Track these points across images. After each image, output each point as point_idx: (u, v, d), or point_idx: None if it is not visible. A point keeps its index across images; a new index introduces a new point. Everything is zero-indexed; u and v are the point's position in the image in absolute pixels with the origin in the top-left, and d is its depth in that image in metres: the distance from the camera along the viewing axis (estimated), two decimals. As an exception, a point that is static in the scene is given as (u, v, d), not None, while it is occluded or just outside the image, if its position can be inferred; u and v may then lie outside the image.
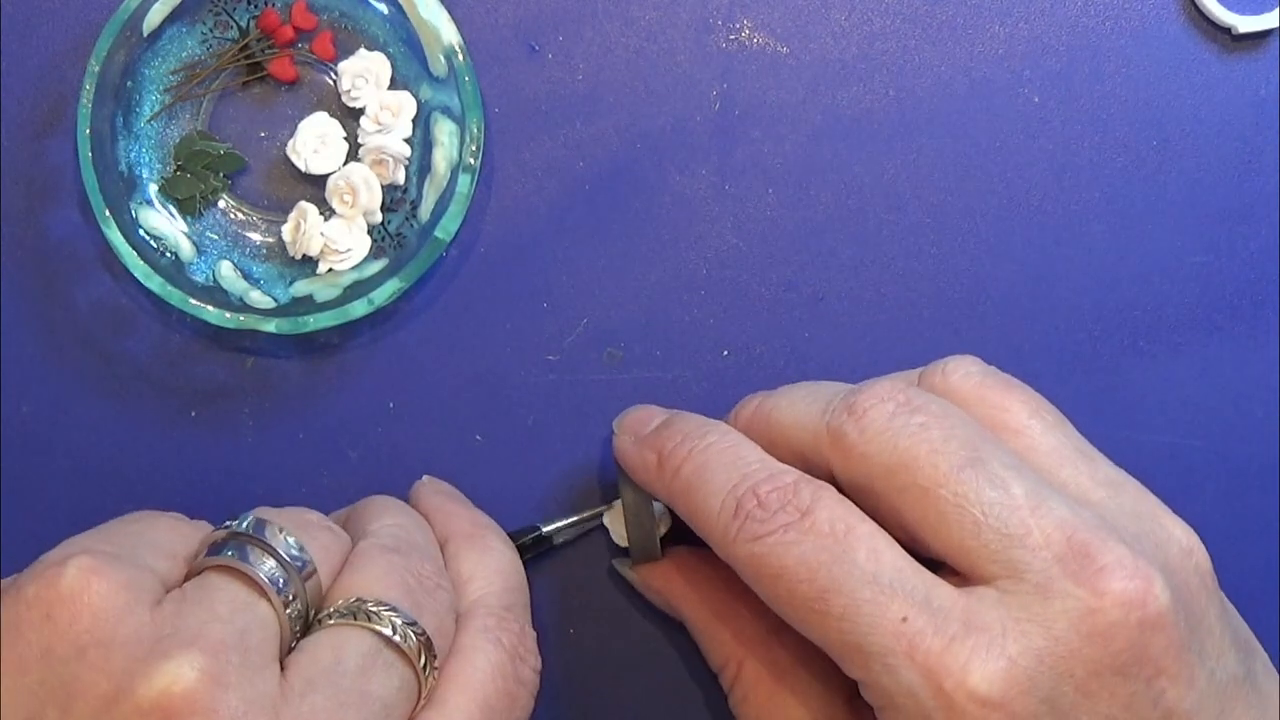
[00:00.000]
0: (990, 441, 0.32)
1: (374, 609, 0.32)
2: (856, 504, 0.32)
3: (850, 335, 0.41)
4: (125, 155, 0.41)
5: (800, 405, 0.35)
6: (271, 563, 0.32)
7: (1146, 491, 0.33)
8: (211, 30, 0.41)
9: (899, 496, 0.32)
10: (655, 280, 0.41)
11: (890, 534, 0.32)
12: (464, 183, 0.40)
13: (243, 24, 0.41)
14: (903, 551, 0.31)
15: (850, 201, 0.41)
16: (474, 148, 0.40)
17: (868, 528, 0.31)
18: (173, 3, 0.40)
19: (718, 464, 0.34)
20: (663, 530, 0.39)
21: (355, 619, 0.32)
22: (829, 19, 0.42)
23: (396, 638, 0.32)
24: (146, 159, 0.41)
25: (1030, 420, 0.34)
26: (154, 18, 0.40)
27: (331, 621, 0.32)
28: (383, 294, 0.39)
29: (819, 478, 0.33)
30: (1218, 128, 0.41)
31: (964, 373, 0.35)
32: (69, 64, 0.41)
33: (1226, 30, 0.41)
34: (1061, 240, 0.41)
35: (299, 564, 0.32)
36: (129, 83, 0.40)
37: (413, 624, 0.32)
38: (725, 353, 0.41)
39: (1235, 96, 0.41)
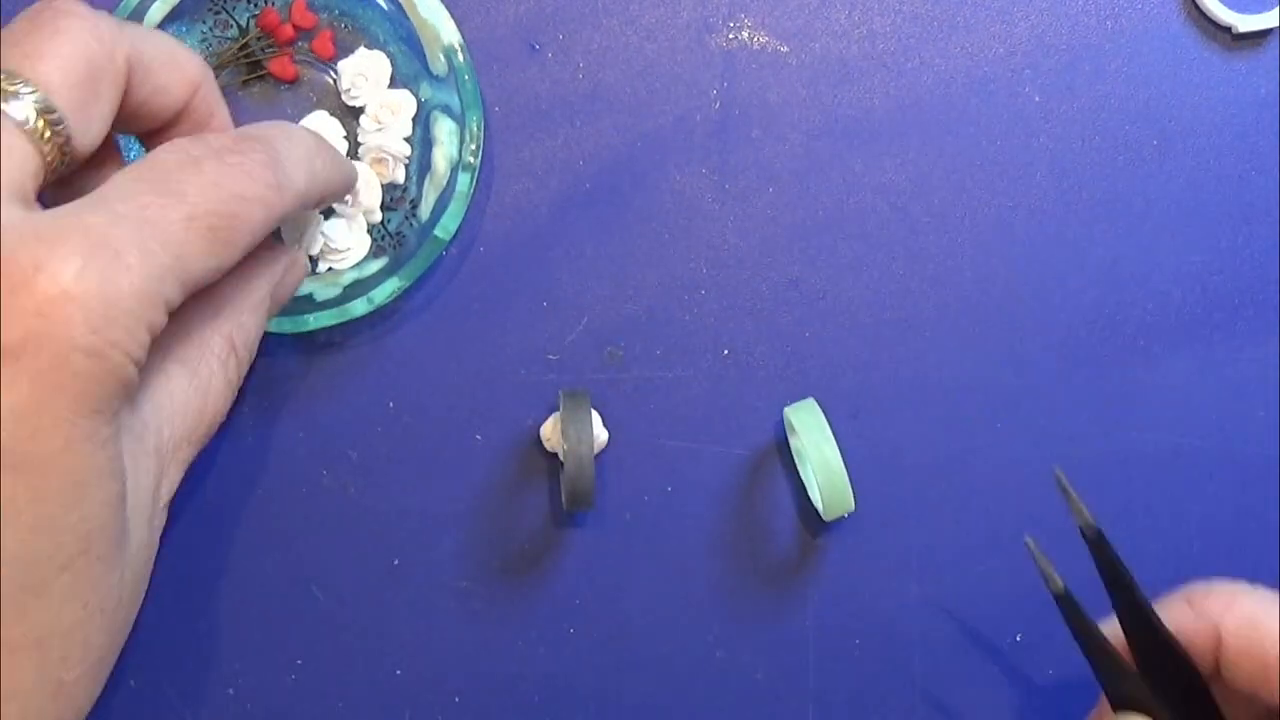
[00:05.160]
0: None
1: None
2: None
3: (850, 335, 0.41)
4: (125, 155, 0.41)
5: None
6: None
7: None
8: (211, 29, 0.41)
9: None
10: (655, 280, 0.41)
11: None
12: (464, 181, 0.40)
13: (242, 23, 0.41)
14: None
15: (850, 201, 0.41)
16: (474, 146, 0.40)
17: None
18: (172, 2, 0.40)
19: None
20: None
21: None
22: (829, 19, 0.42)
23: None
24: (146, 158, 0.41)
25: None
26: (154, 17, 0.40)
27: None
28: (382, 293, 0.39)
29: None
30: (1218, 128, 0.41)
31: None
32: (68, 63, 0.41)
33: (1226, 30, 0.41)
34: (1061, 240, 0.41)
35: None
36: (129, 82, 0.40)
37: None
38: (725, 353, 0.41)
39: (1235, 96, 0.41)
